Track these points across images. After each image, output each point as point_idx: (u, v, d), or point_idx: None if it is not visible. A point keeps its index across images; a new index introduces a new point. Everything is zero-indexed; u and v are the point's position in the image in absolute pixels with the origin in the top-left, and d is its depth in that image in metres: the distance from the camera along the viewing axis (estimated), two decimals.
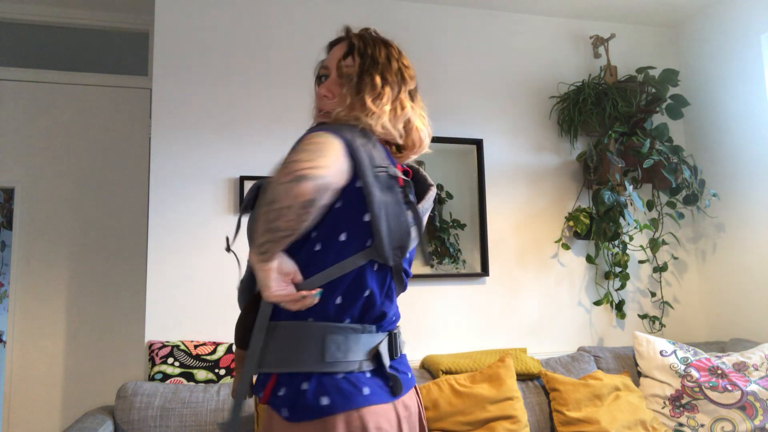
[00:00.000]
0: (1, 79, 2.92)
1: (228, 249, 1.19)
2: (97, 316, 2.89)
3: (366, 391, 1.07)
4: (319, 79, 1.25)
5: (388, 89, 1.16)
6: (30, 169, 2.91)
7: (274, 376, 1.10)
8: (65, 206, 2.92)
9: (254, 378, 1.18)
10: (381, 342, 1.14)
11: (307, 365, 1.07)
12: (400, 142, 1.20)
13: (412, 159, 1.27)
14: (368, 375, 1.11)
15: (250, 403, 2.05)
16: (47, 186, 2.91)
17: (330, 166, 0.97)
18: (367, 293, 1.11)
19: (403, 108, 1.18)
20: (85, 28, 3.03)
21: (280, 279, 1.02)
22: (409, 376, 1.20)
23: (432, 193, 1.26)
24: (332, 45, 1.27)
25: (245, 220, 2.25)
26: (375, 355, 1.12)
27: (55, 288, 2.87)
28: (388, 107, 1.15)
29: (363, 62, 1.18)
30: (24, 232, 2.87)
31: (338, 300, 1.10)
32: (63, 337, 2.84)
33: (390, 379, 1.12)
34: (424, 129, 1.23)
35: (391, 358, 1.16)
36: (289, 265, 1.04)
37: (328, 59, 1.24)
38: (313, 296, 1.04)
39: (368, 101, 1.14)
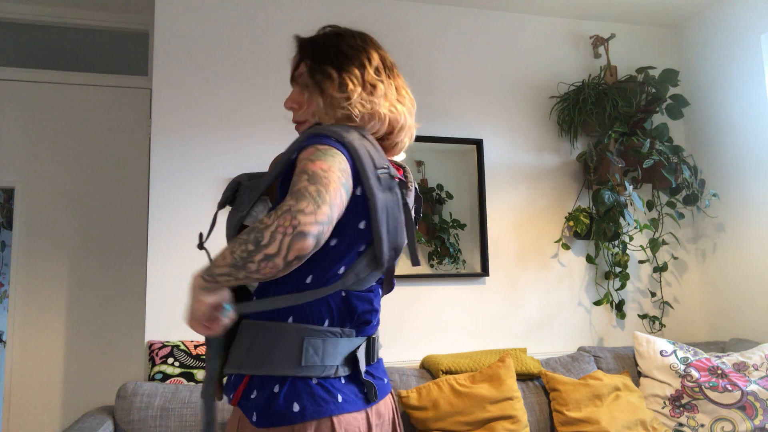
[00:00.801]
0: (1, 79, 2.91)
1: (201, 246, 1.16)
2: (97, 316, 2.89)
3: (340, 398, 1.05)
4: None
5: (349, 76, 1.12)
6: (30, 169, 2.91)
7: (246, 378, 1.06)
8: (65, 206, 2.92)
9: (224, 378, 1.16)
10: (359, 347, 1.11)
11: (282, 368, 1.03)
12: (385, 126, 1.15)
13: (402, 144, 1.22)
14: (343, 381, 1.08)
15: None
16: (47, 186, 2.91)
17: (333, 205, 0.94)
18: (345, 295, 1.09)
19: (374, 87, 1.13)
20: (85, 28, 3.03)
21: (211, 314, 0.99)
22: (385, 381, 1.18)
23: (412, 191, 1.24)
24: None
25: (223, 218, 2.24)
26: (352, 361, 1.09)
27: (56, 288, 2.87)
28: (359, 89, 1.11)
29: (313, 63, 1.16)
30: (24, 232, 2.87)
31: (320, 303, 1.08)
32: (63, 337, 2.84)
33: (365, 385, 1.10)
34: (399, 108, 1.16)
35: (368, 363, 1.14)
36: (225, 296, 1.01)
37: (290, 72, 1.23)
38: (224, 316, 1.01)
39: (335, 94, 1.11)
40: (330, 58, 1.14)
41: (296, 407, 1.01)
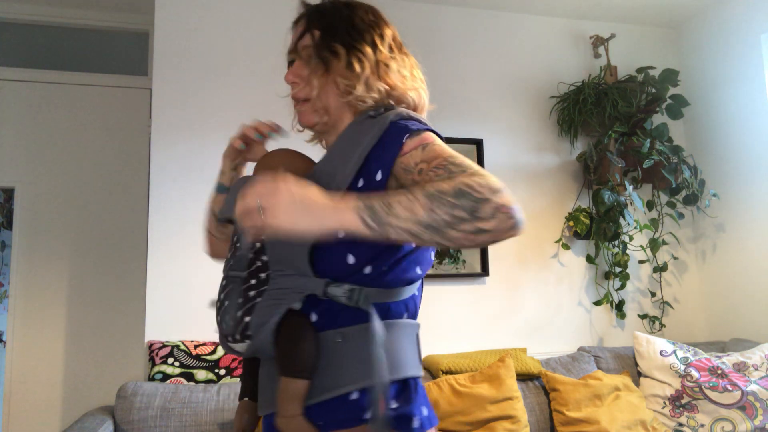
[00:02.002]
0: (1, 79, 2.91)
1: (225, 220, 1.02)
2: (97, 316, 2.89)
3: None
4: (290, 65, 1.11)
5: (358, 55, 1.00)
6: (30, 169, 2.90)
7: None
8: (65, 206, 2.92)
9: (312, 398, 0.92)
10: None
11: (411, 369, 0.93)
12: (414, 107, 1.06)
13: None
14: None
15: None
16: (47, 186, 2.91)
17: None
18: (418, 283, 1.03)
19: (388, 67, 1.02)
20: (85, 28, 3.03)
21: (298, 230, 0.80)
22: None
23: None
24: (295, 24, 1.12)
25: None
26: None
27: (56, 288, 2.87)
28: (368, 71, 1.00)
29: (322, 36, 1.02)
30: (24, 232, 2.87)
31: (418, 294, 1.01)
32: (63, 337, 2.84)
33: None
34: (418, 87, 1.08)
35: None
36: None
37: (291, 42, 1.10)
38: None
39: (341, 76, 1.00)
40: (340, 33, 1.01)
41: (425, 411, 0.93)
